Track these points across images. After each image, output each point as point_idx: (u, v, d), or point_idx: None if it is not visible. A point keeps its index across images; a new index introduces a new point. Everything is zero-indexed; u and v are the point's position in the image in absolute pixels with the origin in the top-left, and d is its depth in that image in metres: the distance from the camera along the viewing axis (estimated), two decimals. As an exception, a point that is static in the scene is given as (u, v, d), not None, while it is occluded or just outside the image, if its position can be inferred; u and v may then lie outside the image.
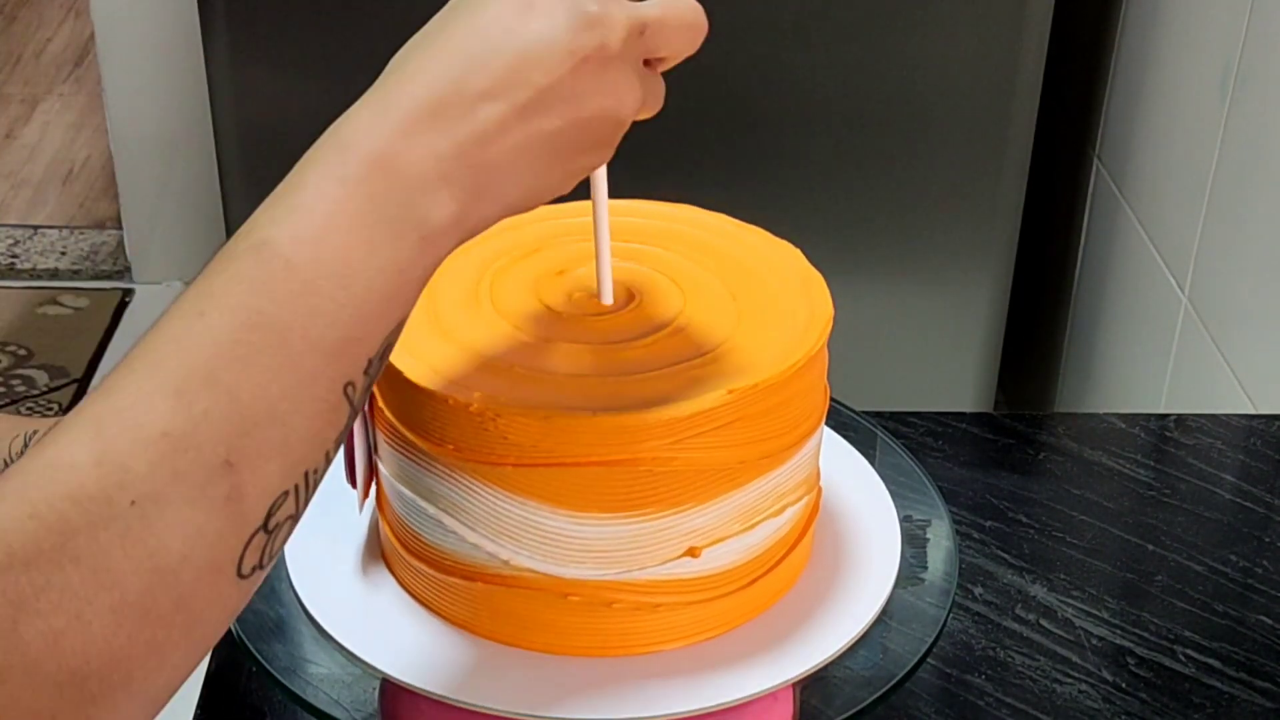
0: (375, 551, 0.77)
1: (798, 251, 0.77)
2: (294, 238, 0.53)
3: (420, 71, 0.55)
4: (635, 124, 0.60)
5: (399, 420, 0.69)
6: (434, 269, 0.56)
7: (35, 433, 0.81)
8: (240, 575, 0.52)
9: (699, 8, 0.60)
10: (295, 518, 0.53)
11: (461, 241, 0.57)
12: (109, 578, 0.48)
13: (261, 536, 0.52)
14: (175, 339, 0.52)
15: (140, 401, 0.50)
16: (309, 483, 0.53)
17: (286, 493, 0.52)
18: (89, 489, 0.49)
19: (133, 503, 0.49)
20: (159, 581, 0.49)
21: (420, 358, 0.68)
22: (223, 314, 0.52)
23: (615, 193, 0.70)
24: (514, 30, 0.55)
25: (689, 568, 0.69)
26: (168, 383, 0.51)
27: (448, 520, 0.69)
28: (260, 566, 0.52)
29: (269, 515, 0.52)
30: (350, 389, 0.54)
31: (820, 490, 0.78)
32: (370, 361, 0.54)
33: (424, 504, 0.70)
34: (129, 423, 0.50)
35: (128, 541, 0.48)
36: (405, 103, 0.55)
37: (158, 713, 0.51)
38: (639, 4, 0.58)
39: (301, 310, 0.52)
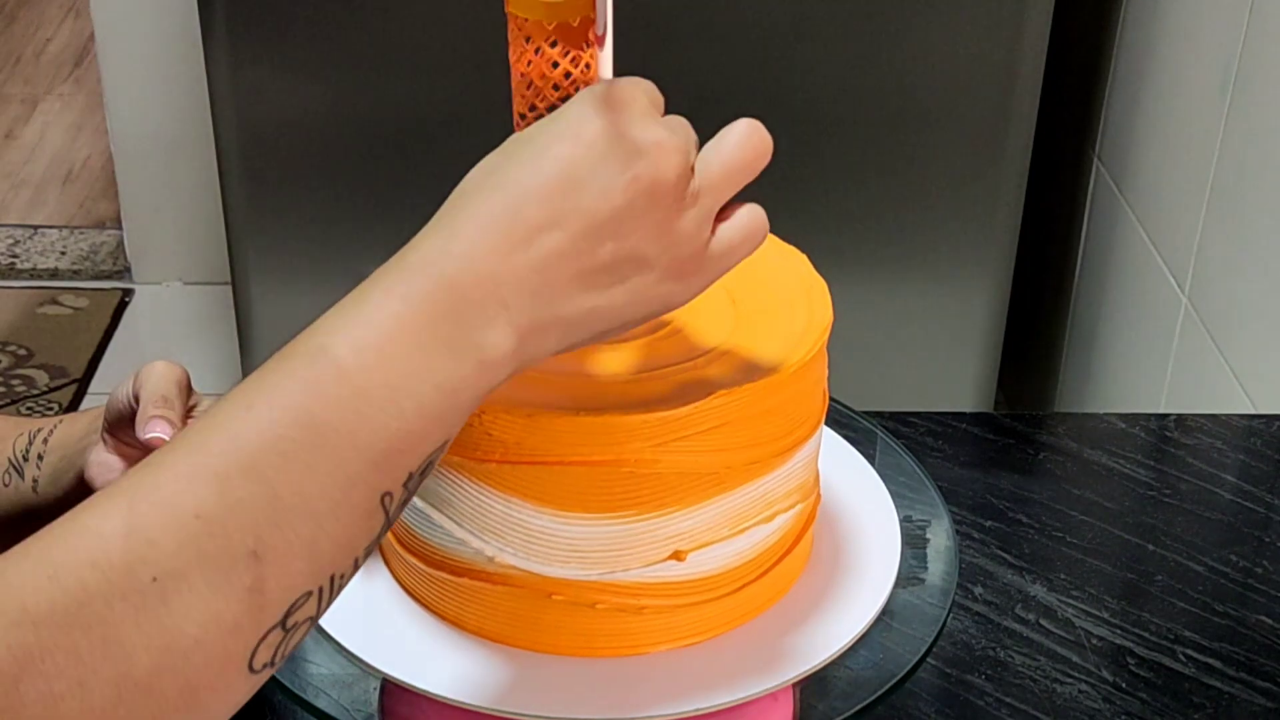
0: (375, 551, 0.77)
1: (803, 256, 0.76)
2: (351, 346, 0.54)
3: (484, 203, 0.57)
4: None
5: None
6: (485, 396, 0.57)
7: (39, 431, 0.80)
8: (251, 670, 0.51)
9: (759, 135, 0.61)
10: (314, 620, 0.53)
11: (518, 371, 0.57)
12: (118, 650, 0.48)
13: (278, 633, 0.52)
14: (220, 427, 0.52)
15: (177, 481, 0.51)
16: (333, 587, 0.54)
17: (310, 593, 0.52)
18: (112, 558, 0.49)
19: (154, 579, 0.49)
20: (168, 662, 0.49)
21: None
22: (271, 409, 0.52)
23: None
24: (571, 162, 0.57)
25: (674, 571, 0.69)
26: (208, 466, 0.51)
27: (436, 515, 0.70)
28: (271, 664, 0.52)
29: (288, 613, 0.52)
30: (388, 499, 0.54)
31: (819, 497, 0.77)
32: (411, 475, 0.55)
33: (414, 499, 0.70)
34: (163, 500, 0.50)
35: (143, 616, 0.49)
36: (469, 232, 0.56)
37: None
38: (694, 146, 0.60)
39: (350, 415, 0.53)
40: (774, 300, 0.73)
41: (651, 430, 0.65)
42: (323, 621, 0.72)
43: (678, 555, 0.69)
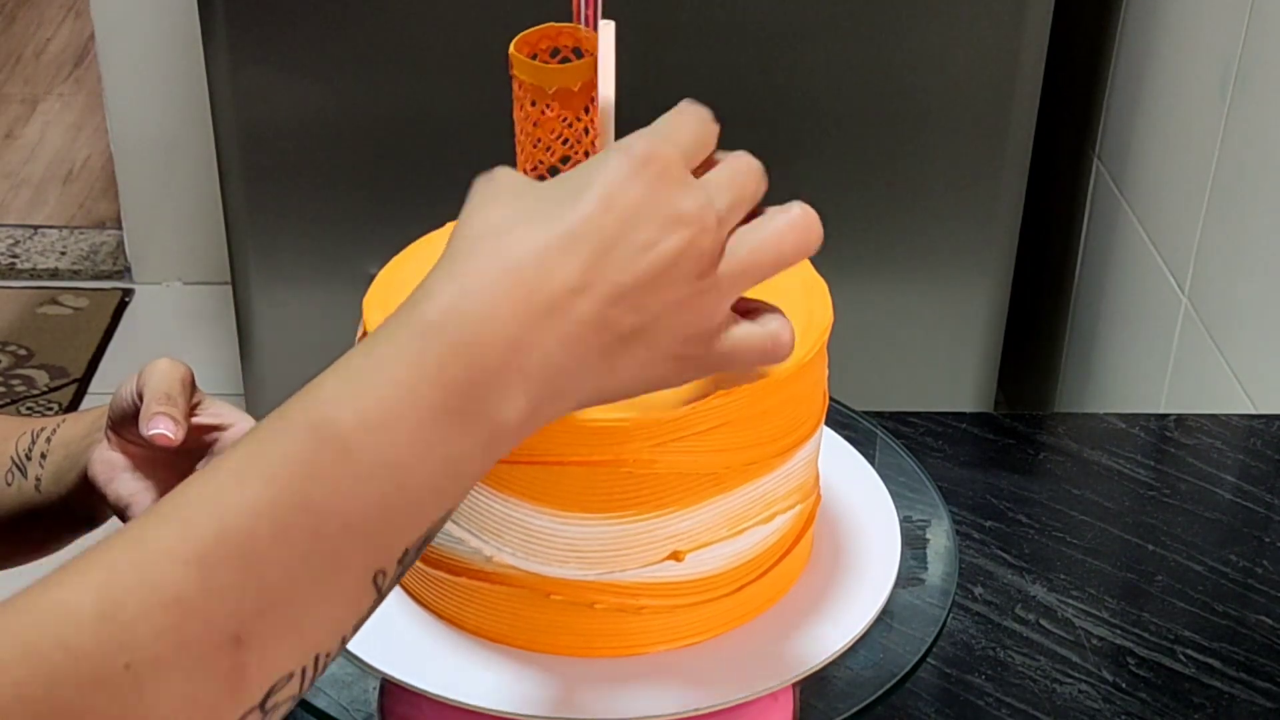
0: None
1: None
2: (359, 422, 0.50)
3: (502, 256, 0.53)
4: (635, 123, 0.60)
5: None
6: (491, 466, 0.54)
7: (41, 430, 0.80)
8: None
9: (804, 228, 0.58)
10: (295, 698, 0.51)
11: (523, 439, 0.55)
12: None
13: (257, 715, 0.49)
14: (208, 501, 0.49)
15: (160, 561, 0.48)
16: (318, 666, 0.51)
17: (292, 674, 0.50)
18: (86, 645, 0.46)
19: (128, 666, 0.46)
20: None
21: None
22: (267, 487, 0.49)
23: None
24: (603, 224, 0.54)
25: (673, 571, 0.69)
26: (193, 547, 0.48)
27: (433, 514, 0.70)
28: None
29: (269, 695, 0.49)
30: (380, 577, 0.52)
31: (819, 498, 0.77)
32: (407, 551, 0.52)
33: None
34: (144, 581, 0.47)
35: (114, 706, 0.46)
36: (487, 290, 0.52)
37: None
38: (717, 196, 0.57)
39: (349, 497, 0.50)
40: (773, 301, 0.73)
41: (650, 431, 0.65)
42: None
43: (676, 555, 0.69)
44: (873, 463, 0.84)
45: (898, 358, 1.91)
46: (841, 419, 0.86)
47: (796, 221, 0.58)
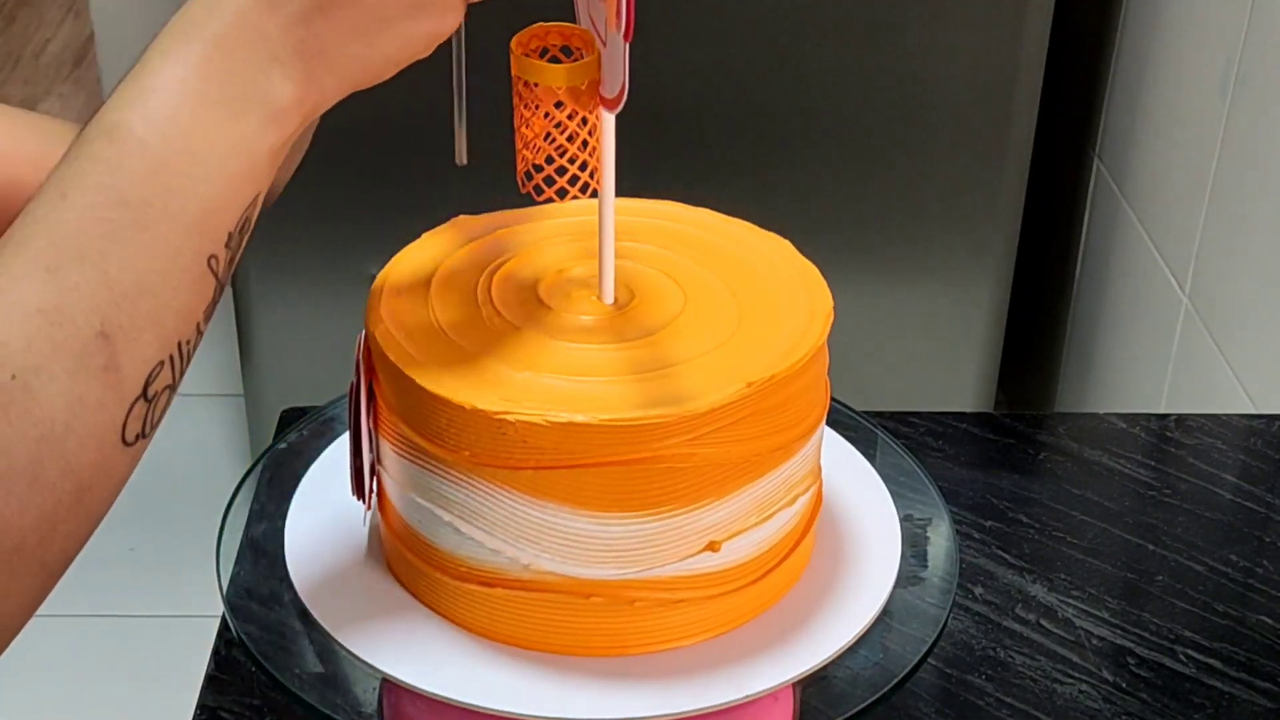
0: (376, 553, 0.77)
1: (787, 243, 0.77)
2: (144, 119, 0.56)
3: None
4: (635, 123, 0.60)
5: (409, 428, 0.69)
6: (284, 146, 0.59)
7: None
8: (124, 443, 0.54)
9: None
10: (173, 388, 0.57)
11: (309, 118, 0.60)
12: None
13: (142, 405, 0.55)
14: (40, 220, 0.54)
15: (12, 281, 0.53)
16: (183, 354, 0.57)
17: (162, 363, 0.55)
18: None
19: (13, 376, 0.51)
20: (46, 450, 0.52)
21: (429, 364, 0.68)
22: (84, 193, 0.55)
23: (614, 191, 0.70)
24: None
25: (709, 562, 0.70)
26: (38, 260, 0.53)
27: (464, 527, 0.69)
28: (143, 435, 0.55)
29: (147, 384, 0.55)
30: (214, 261, 0.57)
31: (822, 480, 0.78)
32: (230, 235, 0.58)
33: (438, 511, 0.70)
34: (6, 301, 0.52)
35: (12, 413, 0.51)
36: None
37: (53, 583, 0.54)
38: None
39: (158, 187, 0.55)
40: (772, 289, 0.74)
41: (687, 425, 0.66)
42: (323, 621, 0.72)
43: (713, 546, 0.69)
44: (873, 463, 0.84)
45: (898, 358, 1.91)
46: (842, 419, 0.86)
47: None
